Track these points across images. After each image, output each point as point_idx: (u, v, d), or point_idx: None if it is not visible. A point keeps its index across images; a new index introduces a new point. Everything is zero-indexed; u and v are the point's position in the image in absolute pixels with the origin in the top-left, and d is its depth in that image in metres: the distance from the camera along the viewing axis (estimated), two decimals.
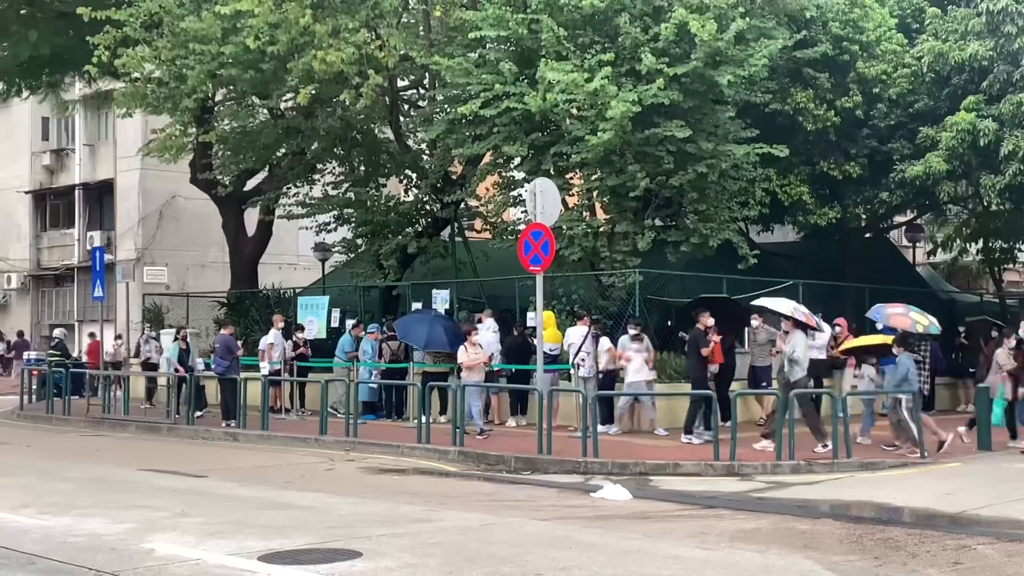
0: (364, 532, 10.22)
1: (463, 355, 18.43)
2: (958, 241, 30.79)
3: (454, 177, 24.53)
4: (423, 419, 17.52)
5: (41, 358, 30.05)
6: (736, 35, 19.23)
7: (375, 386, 21.85)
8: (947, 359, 23.95)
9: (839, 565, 8.91)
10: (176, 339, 23.18)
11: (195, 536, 10.08)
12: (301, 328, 23.35)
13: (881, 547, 9.67)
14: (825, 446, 15.62)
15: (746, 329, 19.98)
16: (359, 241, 26.40)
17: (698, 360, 17.15)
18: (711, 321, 17.26)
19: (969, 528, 10.69)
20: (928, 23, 22.66)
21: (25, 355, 33.82)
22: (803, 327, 16.50)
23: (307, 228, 28.06)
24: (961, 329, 24.61)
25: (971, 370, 23.98)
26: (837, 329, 20.46)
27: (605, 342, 18.58)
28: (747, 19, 19.57)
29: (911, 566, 8.92)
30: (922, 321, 17.20)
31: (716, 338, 17.33)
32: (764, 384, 19.11)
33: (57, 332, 31.51)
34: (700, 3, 19.27)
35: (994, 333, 24.03)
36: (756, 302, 18.00)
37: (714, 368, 17.67)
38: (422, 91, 25.93)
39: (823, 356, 19.82)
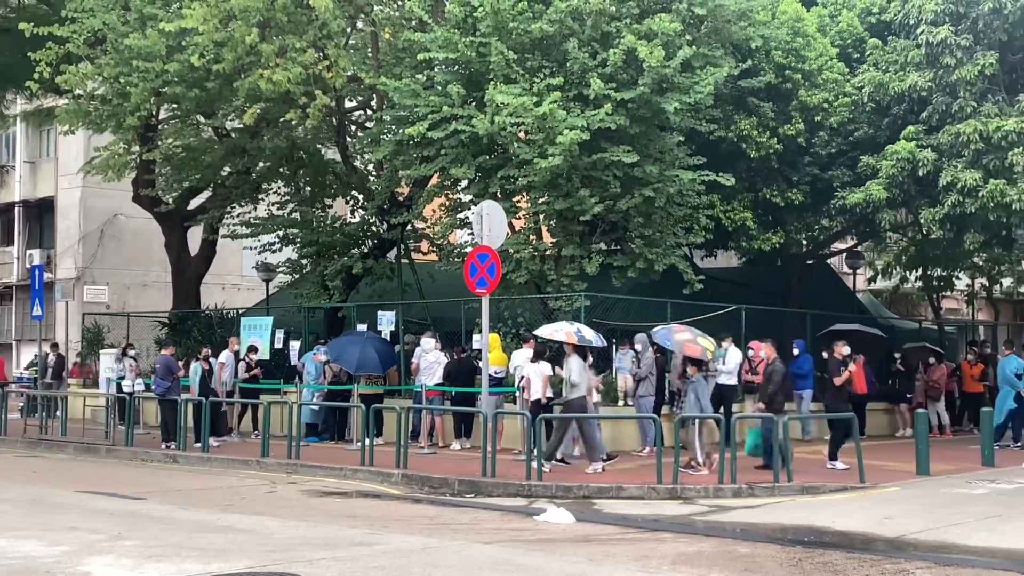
0: (304, 556, 10.13)
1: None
2: (897, 268, 31.31)
3: (401, 198, 24.48)
4: (367, 441, 17.42)
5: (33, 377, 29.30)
6: (683, 62, 19.42)
7: (317, 408, 21.70)
8: (883, 385, 24.26)
9: None
10: (199, 359, 21.67)
11: (132, 559, 9.92)
12: (254, 349, 22.92)
13: (820, 571, 9.75)
14: (597, 468, 16.09)
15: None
16: (304, 262, 26.25)
17: (833, 389, 17.33)
18: (847, 350, 17.64)
19: (907, 552, 10.81)
20: (869, 53, 23.03)
21: (15, 373, 33.39)
22: (581, 351, 17.09)
23: (251, 248, 27.86)
24: (897, 355, 24.95)
25: (907, 395, 24.36)
26: (750, 353, 20.75)
27: (546, 368, 18.36)
28: (694, 47, 19.78)
29: None
30: (708, 346, 17.46)
31: (853, 367, 17.66)
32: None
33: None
34: (648, 30, 19.44)
35: (932, 360, 24.48)
36: (538, 331, 18.40)
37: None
38: (369, 112, 25.88)
39: (733, 381, 20.09)
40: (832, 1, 24.61)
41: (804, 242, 28.06)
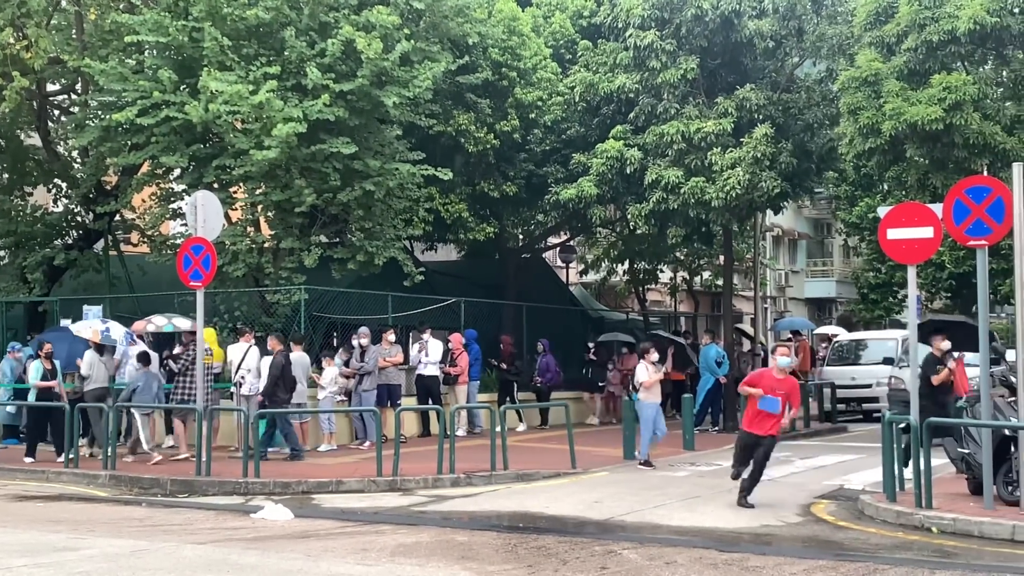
0: (2, 563, 9.53)
1: (643, 374, 16.95)
2: (606, 262, 32.71)
3: (108, 187, 23.45)
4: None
5: None
6: (401, 56, 19.48)
7: (13, 409, 20.30)
8: (576, 373, 25.22)
9: (495, 575, 9.20)
10: (38, 355, 18.59)
11: None
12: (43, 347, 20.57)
13: (535, 555, 10.06)
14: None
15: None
16: (1, 253, 24.72)
17: (928, 389, 15.12)
18: (947, 345, 15.83)
19: (615, 534, 11.32)
20: (580, 55, 23.86)
21: None
22: (99, 347, 17.86)
23: None
24: (591, 345, 25.98)
25: (600, 384, 25.48)
26: (450, 345, 21.22)
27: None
28: (412, 41, 19.87)
29: (562, 572, 9.35)
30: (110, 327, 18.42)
31: (951, 364, 15.70)
32: (395, 402, 19.43)
33: None
34: (367, 22, 19.39)
35: (624, 350, 25.73)
36: (72, 327, 19.26)
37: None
38: (74, 96, 24.57)
39: (436, 372, 20.56)
40: (546, 2, 25.34)
41: (520, 236, 28.86)
